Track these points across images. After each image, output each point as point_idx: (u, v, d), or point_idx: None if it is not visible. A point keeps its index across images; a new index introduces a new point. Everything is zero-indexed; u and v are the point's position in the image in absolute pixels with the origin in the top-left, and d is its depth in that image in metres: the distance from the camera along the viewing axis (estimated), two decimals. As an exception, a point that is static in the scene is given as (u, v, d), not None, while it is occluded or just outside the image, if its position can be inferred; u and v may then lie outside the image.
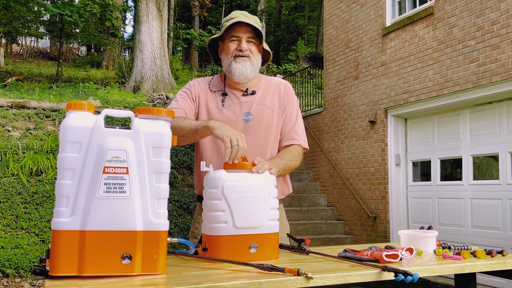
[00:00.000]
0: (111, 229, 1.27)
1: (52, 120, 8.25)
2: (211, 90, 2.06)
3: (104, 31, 16.94)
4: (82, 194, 1.26)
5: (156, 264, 1.31)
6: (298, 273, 1.22)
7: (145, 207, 1.31)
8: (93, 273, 1.24)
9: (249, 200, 1.54)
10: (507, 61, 4.93)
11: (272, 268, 1.27)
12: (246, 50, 1.98)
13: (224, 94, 2.03)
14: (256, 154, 1.86)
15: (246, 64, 1.98)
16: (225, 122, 1.97)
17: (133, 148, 1.31)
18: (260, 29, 1.99)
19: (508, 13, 4.96)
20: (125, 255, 1.27)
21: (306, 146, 2.10)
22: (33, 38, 22.28)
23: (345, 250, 1.60)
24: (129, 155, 1.30)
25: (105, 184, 1.27)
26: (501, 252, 1.71)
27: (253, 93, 2.04)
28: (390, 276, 1.34)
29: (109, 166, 1.28)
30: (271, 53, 2.14)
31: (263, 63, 2.13)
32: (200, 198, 2.08)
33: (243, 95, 2.04)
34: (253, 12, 23.39)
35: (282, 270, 1.26)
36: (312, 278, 1.22)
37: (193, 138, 1.87)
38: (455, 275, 1.93)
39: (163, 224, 1.34)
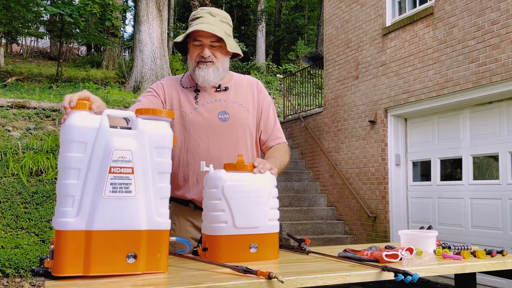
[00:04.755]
0: (116, 228, 1.27)
1: (52, 120, 8.25)
2: (182, 87, 2.01)
3: (104, 31, 16.94)
4: (87, 194, 1.26)
5: (159, 263, 1.32)
6: (269, 277, 1.21)
7: (149, 206, 1.32)
8: (99, 272, 1.24)
9: (249, 200, 1.54)
10: (507, 61, 4.94)
11: (247, 271, 1.27)
12: (208, 56, 1.91)
13: (197, 91, 1.99)
14: (232, 154, 1.85)
15: (209, 70, 1.92)
16: (200, 122, 1.93)
17: (138, 149, 1.32)
18: (221, 34, 1.86)
19: (508, 13, 4.96)
20: (130, 254, 1.28)
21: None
22: (33, 38, 22.27)
23: (345, 250, 1.60)
24: (134, 155, 1.31)
25: (111, 184, 1.27)
26: (501, 252, 1.71)
27: (226, 89, 2.00)
28: (390, 276, 1.34)
29: (115, 166, 1.28)
30: (240, 52, 2.02)
31: (233, 57, 2.04)
32: (172, 199, 2.01)
33: (216, 91, 2.00)
34: (253, 12, 23.39)
35: (255, 272, 1.25)
36: (282, 282, 1.20)
37: None
38: (455, 275, 1.94)
39: (166, 223, 1.35)
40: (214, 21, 1.90)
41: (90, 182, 1.26)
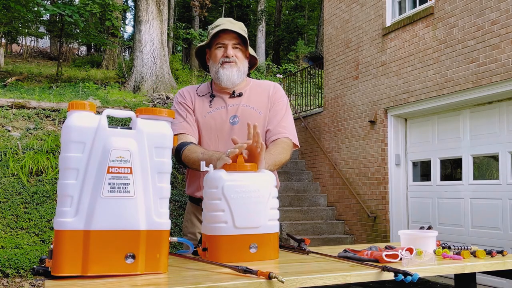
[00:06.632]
0: (115, 228, 1.27)
1: (52, 120, 8.25)
2: (198, 95, 2.10)
3: (104, 31, 16.92)
4: (86, 194, 1.26)
5: (158, 263, 1.32)
6: (269, 277, 1.21)
7: (148, 206, 1.32)
8: (97, 272, 1.24)
9: (249, 200, 1.54)
10: (507, 61, 4.94)
11: (247, 271, 1.27)
12: (232, 56, 2.02)
13: (212, 96, 2.08)
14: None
15: (233, 70, 2.02)
16: (212, 126, 2.02)
17: (137, 148, 1.32)
18: (245, 35, 2.04)
19: (508, 13, 4.96)
20: (128, 254, 1.28)
21: (296, 141, 2.05)
22: (33, 38, 22.27)
23: (345, 250, 1.60)
24: (133, 155, 1.31)
25: (109, 184, 1.27)
26: (501, 252, 1.71)
27: (240, 95, 2.08)
28: (390, 276, 1.34)
29: (113, 166, 1.28)
30: (258, 58, 2.19)
31: (250, 68, 2.17)
32: (191, 199, 2.10)
33: (230, 97, 2.07)
34: (253, 12, 23.40)
35: (255, 272, 1.25)
36: (283, 282, 1.20)
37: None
38: (455, 275, 1.93)
39: (166, 223, 1.35)
40: (235, 27, 2.03)
41: (88, 182, 1.26)
